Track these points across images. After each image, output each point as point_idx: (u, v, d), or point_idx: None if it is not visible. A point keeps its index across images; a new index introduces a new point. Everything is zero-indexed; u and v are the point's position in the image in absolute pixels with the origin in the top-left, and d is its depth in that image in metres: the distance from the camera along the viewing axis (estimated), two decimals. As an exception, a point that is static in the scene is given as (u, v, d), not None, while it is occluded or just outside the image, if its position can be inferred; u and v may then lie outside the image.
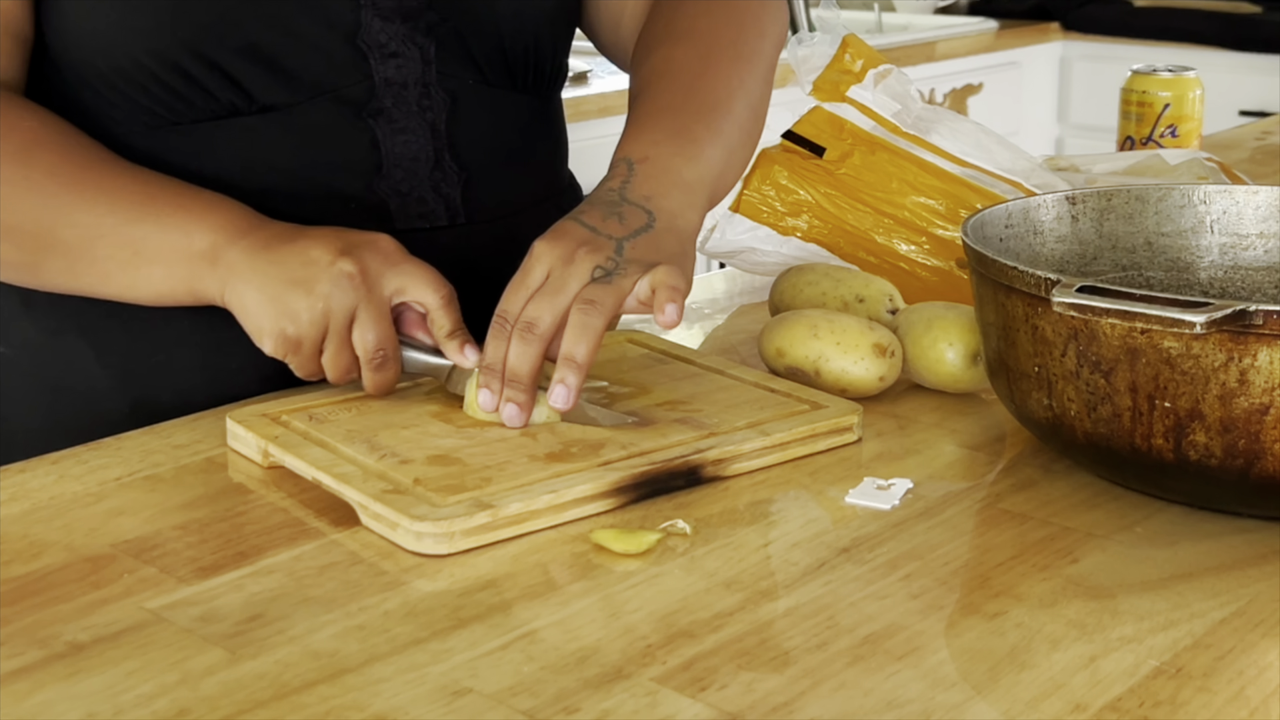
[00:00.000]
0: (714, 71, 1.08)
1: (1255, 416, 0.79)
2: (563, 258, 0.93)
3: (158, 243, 0.96)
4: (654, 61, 1.09)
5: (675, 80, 1.06)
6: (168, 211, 0.97)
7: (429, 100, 1.06)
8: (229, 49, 1.00)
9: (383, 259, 0.95)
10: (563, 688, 0.67)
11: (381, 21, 1.03)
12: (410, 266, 0.95)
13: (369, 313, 0.94)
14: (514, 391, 0.92)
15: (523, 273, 0.94)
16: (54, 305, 1.05)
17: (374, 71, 1.04)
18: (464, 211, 1.09)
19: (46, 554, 0.80)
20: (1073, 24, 3.80)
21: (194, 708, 0.66)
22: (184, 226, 0.96)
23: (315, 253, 0.94)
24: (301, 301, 0.93)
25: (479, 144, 1.09)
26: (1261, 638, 0.72)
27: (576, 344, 0.90)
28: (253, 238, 0.96)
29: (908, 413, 1.01)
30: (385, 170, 1.05)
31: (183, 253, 0.96)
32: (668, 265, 0.93)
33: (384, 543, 0.81)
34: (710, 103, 1.05)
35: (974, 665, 0.70)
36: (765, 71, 1.13)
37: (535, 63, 1.12)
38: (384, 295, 0.95)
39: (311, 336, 0.94)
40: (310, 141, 1.04)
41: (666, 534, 0.82)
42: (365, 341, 0.94)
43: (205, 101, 1.01)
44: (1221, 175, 1.45)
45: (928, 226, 1.22)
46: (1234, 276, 1.04)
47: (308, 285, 0.93)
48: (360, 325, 0.94)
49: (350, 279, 0.93)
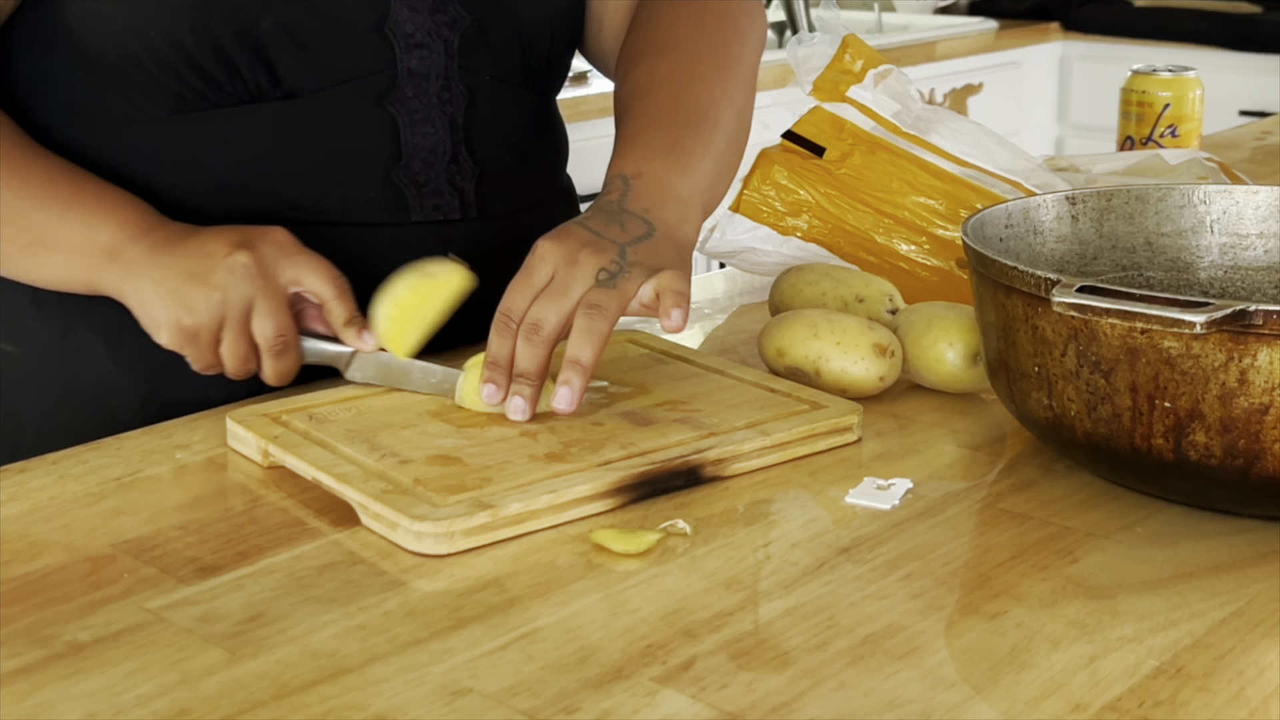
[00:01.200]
0: (698, 83, 1.09)
1: (1255, 416, 0.79)
2: (566, 258, 0.93)
3: (60, 232, 0.99)
4: (638, 75, 1.10)
5: (661, 93, 1.08)
6: (74, 202, 0.99)
7: (449, 94, 1.07)
8: (265, 28, 1.01)
9: (278, 250, 0.97)
10: (563, 688, 0.67)
11: (409, 11, 1.05)
12: (304, 258, 0.97)
13: (266, 302, 0.96)
14: (522, 385, 0.93)
15: (527, 271, 0.94)
16: (65, 304, 1.05)
17: (399, 61, 1.05)
18: (476, 206, 1.10)
19: (46, 554, 0.80)
20: (1073, 24, 3.80)
21: (194, 708, 0.66)
22: (88, 219, 0.99)
23: (211, 246, 0.96)
24: (198, 293, 0.95)
25: (493, 140, 1.10)
26: (1261, 638, 0.72)
27: (582, 348, 0.91)
28: (153, 236, 0.99)
29: (908, 413, 1.01)
30: (404, 161, 1.06)
31: (84, 245, 0.99)
32: (672, 270, 0.93)
33: (384, 543, 0.81)
34: (698, 115, 1.07)
35: (974, 665, 0.70)
36: (748, 77, 1.14)
37: (548, 61, 1.14)
38: (280, 284, 0.97)
39: (208, 327, 0.96)
40: (332, 129, 1.04)
41: (666, 534, 0.82)
42: (264, 329, 0.96)
43: (233, 84, 1.02)
44: (1221, 175, 1.45)
45: (928, 226, 1.22)
46: (1234, 276, 1.04)
47: (204, 277, 0.95)
48: (259, 314, 0.96)
49: (246, 269, 0.95)
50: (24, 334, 1.08)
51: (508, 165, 1.12)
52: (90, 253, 0.98)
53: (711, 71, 1.10)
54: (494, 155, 1.10)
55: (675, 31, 1.12)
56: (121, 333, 1.05)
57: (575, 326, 0.92)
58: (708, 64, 1.10)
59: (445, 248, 1.01)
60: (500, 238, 1.11)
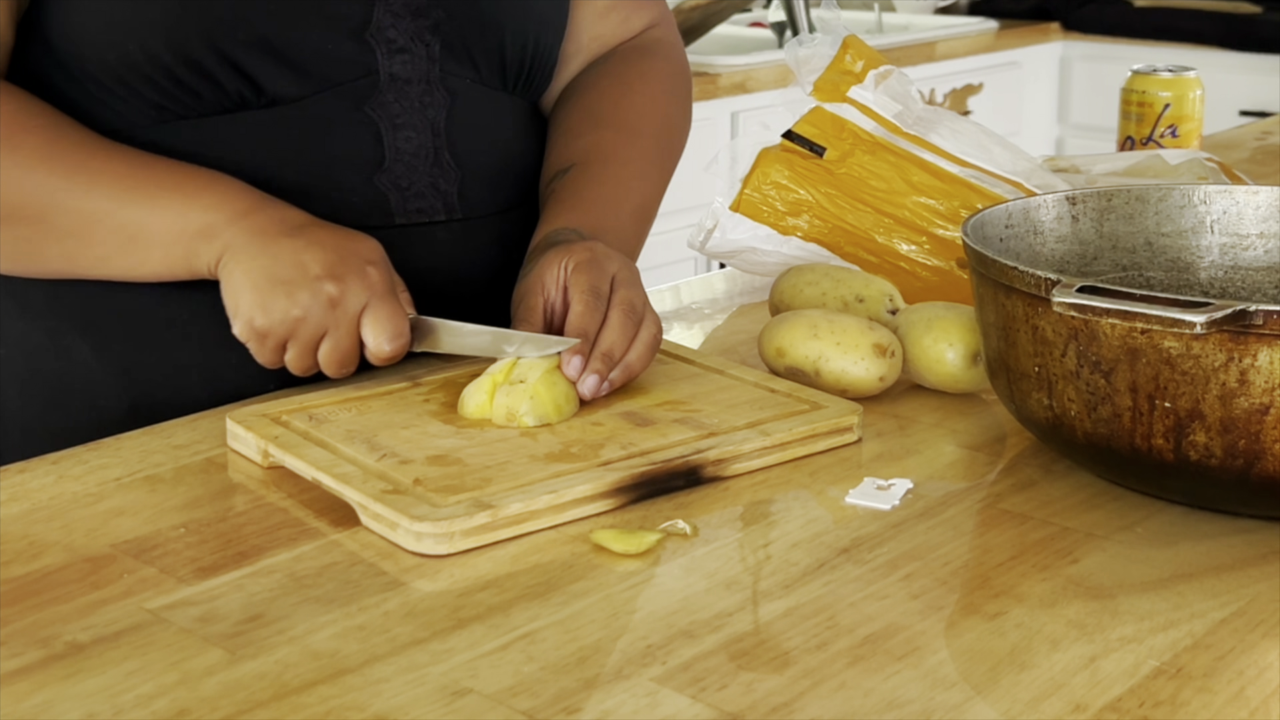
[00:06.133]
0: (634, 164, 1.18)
1: (1255, 416, 0.79)
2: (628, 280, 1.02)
3: (153, 226, 0.98)
4: (585, 144, 1.16)
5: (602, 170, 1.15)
6: (162, 193, 0.99)
7: (430, 98, 1.07)
8: (242, 41, 1.00)
9: (367, 292, 0.97)
10: (563, 688, 0.67)
11: (392, 17, 1.05)
12: (383, 310, 0.97)
13: (337, 338, 0.97)
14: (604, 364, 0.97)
15: (598, 265, 1.01)
16: (52, 305, 1.05)
17: (380, 67, 1.05)
18: (460, 208, 1.10)
19: (46, 554, 0.80)
20: (1073, 24, 3.80)
21: (194, 708, 0.66)
22: (178, 208, 0.98)
23: (306, 257, 0.96)
24: (278, 303, 0.95)
25: (473, 143, 1.11)
26: (1261, 638, 0.72)
27: (639, 363, 0.98)
28: (254, 219, 0.98)
29: (908, 413, 1.01)
30: (387, 165, 1.06)
31: (178, 234, 0.98)
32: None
33: (384, 543, 0.81)
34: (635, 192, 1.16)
35: (974, 665, 0.70)
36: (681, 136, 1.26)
37: (530, 66, 1.14)
38: (354, 328, 0.97)
39: (278, 335, 0.97)
40: (315, 135, 1.04)
41: (666, 534, 0.82)
42: (329, 358, 0.97)
43: (214, 94, 1.01)
44: (1221, 175, 1.45)
45: (928, 226, 1.22)
46: (1234, 276, 1.04)
47: (288, 288, 0.95)
48: (329, 342, 0.97)
49: (330, 302, 0.95)
50: (10, 336, 1.08)
51: (490, 167, 1.12)
52: (185, 239, 0.98)
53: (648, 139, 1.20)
54: (476, 158, 1.11)
55: (617, 108, 1.19)
56: (108, 335, 1.05)
57: (642, 338, 0.98)
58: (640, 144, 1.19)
59: (430, 250, 1.03)
60: (484, 239, 1.12)
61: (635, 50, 1.24)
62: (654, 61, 1.24)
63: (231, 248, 0.97)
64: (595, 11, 1.23)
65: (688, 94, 1.27)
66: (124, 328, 1.05)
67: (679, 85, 1.26)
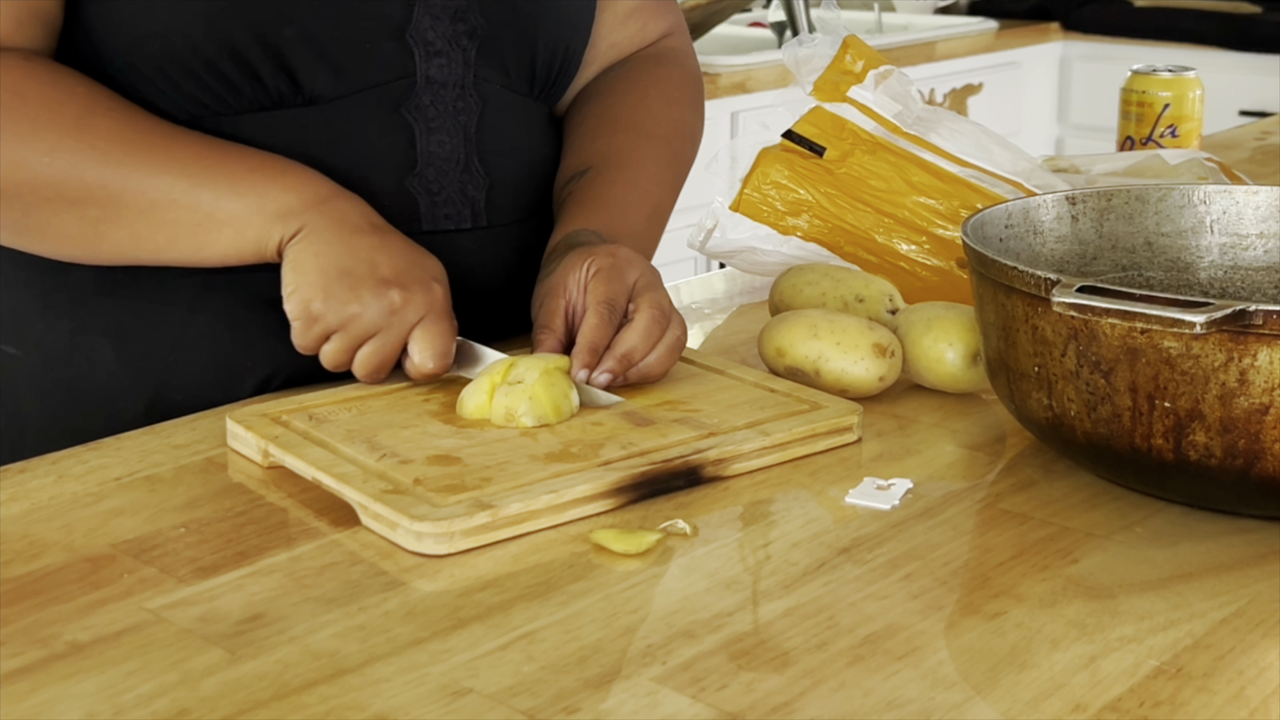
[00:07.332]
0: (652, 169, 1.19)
1: (1255, 416, 0.79)
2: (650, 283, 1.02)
3: (229, 207, 0.98)
4: (599, 147, 1.16)
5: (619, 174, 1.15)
6: (241, 174, 0.99)
7: (463, 103, 1.08)
8: (285, 36, 1.00)
9: (426, 307, 0.98)
10: (563, 688, 0.67)
11: (431, 19, 1.05)
12: (438, 329, 0.98)
13: (384, 343, 0.97)
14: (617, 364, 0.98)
15: (618, 270, 1.01)
16: (74, 305, 1.05)
17: (418, 69, 1.05)
18: (486, 215, 1.10)
19: (46, 554, 0.80)
20: (1073, 24, 3.80)
21: (194, 708, 0.66)
22: (259, 189, 0.99)
23: (380, 257, 0.97)
24: (339, 295, 0.96)
25: (502, 149, 1.11)
26: (1261, 638, 0.72)
27: (660, 367, 0.99)
28: (334, 205, 0.99)
29: (908, 413, 1.01)
30: (419, 169, 1.07)
31: (254, 214, 0.98)
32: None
33: (384, 543, 0.82)
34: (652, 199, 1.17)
35: (974, 665, 0.70)
36: (695, 142, 1.26)
37: (558, 71, 1.14)
38: (403, 339, 0.98)
39: (329, 323, 0.97)
40: (350, 136, 1.04)
41: (666, 534, 0.82)
42: (367, 363, 0.98)
43: (253, 90, 1.01)
44: (1221, 175, 1.45)
45: (928, 226, 1.22)
46: (1234, 276, 1.04)
47: (353, 283, 0.96)
48: (375, 345, 0.97)
49: (389, 309, 0.96)
50: (30, 336, 1.08)
51: (516, 175, 1.12)
52: (261, 220, 0.98)
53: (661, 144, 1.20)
54: (503, 165, 1.11)
55: (634, 113, 1.20)
56: (129, 334, 1.05)
57: (665, 344, 0.99)
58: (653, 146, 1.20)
59: (451, 257, 1.03)
60: (504, 246, 1.12)
61: (651, 58, 1.25)
62: (669, 69, 1.24)
63: (309, 229, 0.98)
64: (615, 18, 1.23)
65: (701, 101, 1.27)
66: (144, 328, 1.05)
67: (693, 93, 1.26)
